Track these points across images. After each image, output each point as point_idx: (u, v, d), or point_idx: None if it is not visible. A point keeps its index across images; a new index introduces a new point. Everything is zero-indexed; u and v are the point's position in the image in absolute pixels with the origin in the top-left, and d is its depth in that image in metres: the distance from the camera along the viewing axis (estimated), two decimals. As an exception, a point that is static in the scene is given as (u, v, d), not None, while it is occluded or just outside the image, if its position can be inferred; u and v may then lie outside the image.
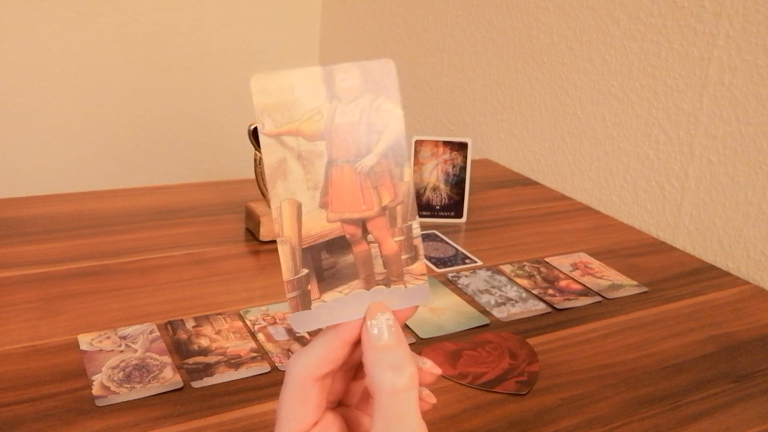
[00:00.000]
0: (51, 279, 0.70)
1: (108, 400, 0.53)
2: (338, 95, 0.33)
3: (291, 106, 0.33)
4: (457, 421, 0.53)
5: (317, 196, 0.33)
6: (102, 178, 1.58)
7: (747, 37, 0.83)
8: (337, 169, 0.33)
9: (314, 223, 0.33)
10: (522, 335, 0.66)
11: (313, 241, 0.33)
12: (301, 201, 0.33)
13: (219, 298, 0.69)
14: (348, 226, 0.34)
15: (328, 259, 0.34)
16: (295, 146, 0.33)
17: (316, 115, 0.33)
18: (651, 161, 0.96)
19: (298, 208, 0.33)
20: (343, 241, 0.34)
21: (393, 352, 0.32)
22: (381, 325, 0.33)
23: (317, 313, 0.33)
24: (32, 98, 1.48)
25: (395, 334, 0.33)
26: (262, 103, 0.32)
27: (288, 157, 0.33)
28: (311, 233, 0.33)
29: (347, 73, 0.33)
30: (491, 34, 1.23)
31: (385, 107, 0.33)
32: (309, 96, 0.33)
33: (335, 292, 0.34)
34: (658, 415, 0.56)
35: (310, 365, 0.33)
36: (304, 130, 0.33)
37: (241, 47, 1.67)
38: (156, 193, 0.94)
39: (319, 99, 0.33)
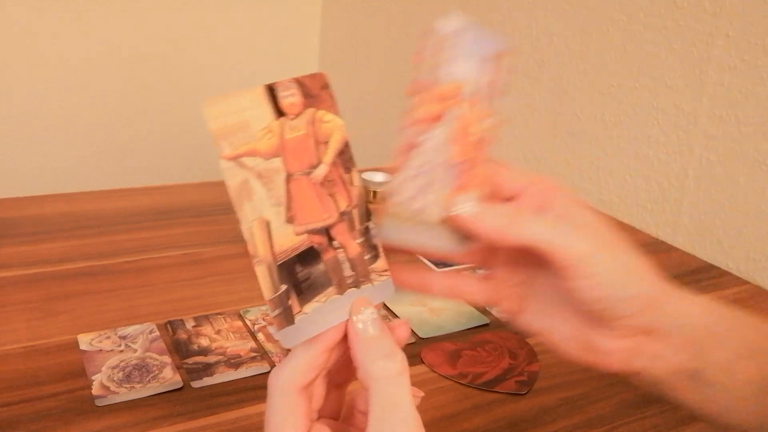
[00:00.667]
0: (51, 279, 0.70)
1: (108, 400, 0.52)
2: (284, 111, 0.34)
3: (244, 127, 0.34)
4: (457, 421, 0.53)
5: (282, 211, 0.34)
6: (101, 178, 1.58)
7: (747, 37, 0.83)
8: (295, 183, 0.34)
9: (284, 238, 0.34)
10: (522, 335, 0.66)
11: (286, 256, 0.34)
12: (269, 218, 0.34)
13: (219, 298, 0.69)
14: (314, 236, 0.35)
15: (303, 271, 0.35)
16: (254, 166, 0.34)
17: (268, 134, 0.34)
18: (651, 161, 0.96)
19: (267, 226, 0.34)
20: (313, 251, 0.35)
21: (381, 341, 0.33)
22: (367, 319, 0.34)
23: (301, 326, 0.34)
24: (32, 98, 1.48)
25: (380, 326, 0.34)
26: (217, 129, 0.33)
27: (249, 177, 0.34)
28: (283, 248, 0.34)
29: (288, 90, 0.34)
30: (491, 34, 1.23)
31: (327, 118, 0.35)
32: (259, 116, 0.34)
33: (314, 302, 0.35)
34: (658, 415, 0.56)
35: (295, 374, 0.33)
36: (260, 149, 0.34)
37: (241, 47, 1.67)
38: (155, 193, 0.94)
39: (267, 117, 0.34)
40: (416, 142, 0.35)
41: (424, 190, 0.36)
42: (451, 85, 0.35)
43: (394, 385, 0.32)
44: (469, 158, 0.36)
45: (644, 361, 0.37)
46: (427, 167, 0.36)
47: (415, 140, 0.35)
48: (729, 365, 0.36)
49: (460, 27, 0.36)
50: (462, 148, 0.36)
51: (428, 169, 0.36)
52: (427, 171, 0.36)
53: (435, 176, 0.36)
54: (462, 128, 0.36)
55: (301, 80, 0.34)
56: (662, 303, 0.36)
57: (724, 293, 0.78)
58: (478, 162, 0.36)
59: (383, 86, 1.52)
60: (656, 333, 0.36)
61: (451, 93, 0.35)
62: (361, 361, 0.33)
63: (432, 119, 0.35)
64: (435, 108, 0.35)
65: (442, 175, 0.36)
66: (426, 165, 0.36)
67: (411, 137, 0.35)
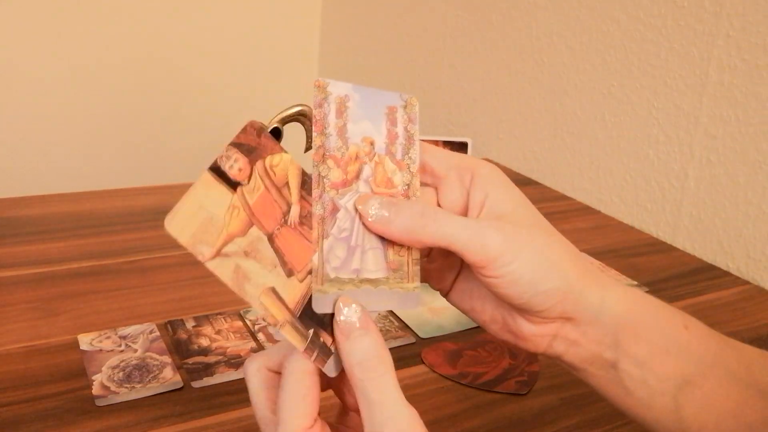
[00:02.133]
0: (51, 279, 0.70)
1: (108, 400, 0.53)
2: (237, 181, 0.35)
3: (210, 220, 0.34)
4: (457, 421, 0.53)
5: (280, 271, 0.35)
6: (102, 178, 1.58)
7: (747, 37, 0.83)
8: (279, 238, 0.35)
9: (292, 291, 0.35)
10: (522, 335, 0.66)
11: (302, 305, 0.35)
12: (272, 284, 0.35)
13: (219, 297, 0.69)
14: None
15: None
16: (237, 249, 0.35)
17: (234, 210, 0.35)
18: (651, 161, 0.96)
19: (273, 292, 0.35)
20: None
21: (365, 340, 0.33)
22: (350, 317, 0.34)
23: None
24: (32, 98, 1.48)
25: (364, 323, 0.34)
26: (189, 238, 0.34)
27: (237, 261, 0.34)
28: (296, 300, 0.35)
29: (229, 159, 0.35)
30: (491, 34, 1.23)
31: (275, 161, 0.36)
32: (217, 200, 0.34)
33: None
34: (658, 415, 0.56)
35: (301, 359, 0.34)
36: (234, 230, 0.35)
37: (241, 47, 1.67)
38: (156, 193, 0.94)
39: (226, 196, 0.35)
40: (337, 205, 0.36)
41: (355, 250, 0.36)
42: (361, 143, 0.36)
43: (378, 384, 0.32)
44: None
45: (563, 346, 0.37)
46: (355, 227, 0.36)
47: (335, 204, 0.36)
48: (646, 359, 0.36)
49: (350, 89, 0.37)
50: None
51: (356, 228, 0.36)
52: (355, 231, 0.36)
53: (365, 234, 0.36)
54: (382, 182, 0.37)
55: (236, 141, 0.35)
56: (582, 294, 0.36)
57: (724, 293, 0.78)
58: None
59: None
60: (574, 321, 0.36)
61: (363, 151, 0.36)
62: (346, 362, 0.33)
63: (349, 180, 0.36)
64: (350, 168, 0.36)
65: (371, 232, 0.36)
66: (353, 225, 0.36)
67: (330, 202, 0.36)
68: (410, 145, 0.38)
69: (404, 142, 0.37)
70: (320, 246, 0.36)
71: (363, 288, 0.36)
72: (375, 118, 0.37)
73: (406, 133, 0.38)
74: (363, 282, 0.36)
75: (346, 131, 0.36)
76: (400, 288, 0.36)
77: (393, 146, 0.37)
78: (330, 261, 0.35)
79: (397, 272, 0.36)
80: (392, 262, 0.36)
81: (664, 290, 0.78)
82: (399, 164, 0.37)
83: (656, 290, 0.77)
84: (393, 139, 0.37)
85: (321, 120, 0.36)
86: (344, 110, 0.36)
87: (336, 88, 0.36)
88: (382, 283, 0.36)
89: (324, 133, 0.36)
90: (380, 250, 0.36)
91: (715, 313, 0.73)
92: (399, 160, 0.37)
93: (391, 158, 0.37)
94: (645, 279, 0.80)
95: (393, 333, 0.64)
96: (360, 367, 0.33)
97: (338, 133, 0.36)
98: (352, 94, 0.37)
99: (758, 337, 0.69)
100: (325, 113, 0.36)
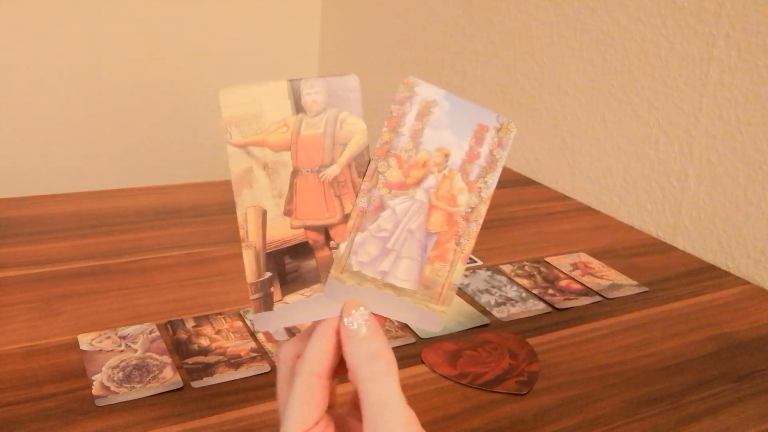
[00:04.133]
0: (51, 279, 0.70)
1: (108, 400, 0.53)
2: (304, 108, 0.35)
3: (258, 118, 0.34)
4: (457, 421, 0.53)
5: (281, 203, 0.35)
6: (102, 178, 1.58)
7: (747, 37, 0.83)
8: (302, 179, 0.35)
9: (278, 229, 0.35)
10: (522, 335, 0.66)
11: (277, 246, 0.35)
12: (266, 208, 0.35)
13: (219, 298, 0.69)
14: (311, 233, 0.35)
15: (291, 263, 0.35)
16: (261, 156, 0.34)
17: (282, 127, 0.35)
18: (651, 161, 0.96)
19: (263, 214, 0.35)
20: (307, 247, 0.35)
21: (369, 343, 0.34)
22: (358, 320, 0.34)
23: (279, 314, 0.35)
24: (32, 98, 1.48)
25: (371, 327, 0.34)
26: (230, 115, 0.34)
27: (254, 166, 0.34)
28: (275, 239, 0.35)
29: (312, 87, 0.35)
30: (491, 34, 1.23)
31: (349, 121, 0.35)
32: (275, 109, 0.34)
33: (297, 294, 0.35)
34: (658, 415, 0.56)
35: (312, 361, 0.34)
36: (270, 141, 0.34)
37: (241, 47, 1.67)
38: (156, 193, 0.94)
39: (285, 112, 0.34)
40: (385, 204, 0.35)
41: (389, 253, 0.35)
42: (435, 152, 0.35)
43: (381, 385, 0.33)
44: (446, 230, 0.36)
45: None
46: (398, 231, 0.35)
47: (383, 202, 0.35)
48: None
49: (441, 95, 0.35)
50: (440, 218, 0.36)
51: (398, 233, 0.35)
52: (396, 235, 0.35)
53: (405, 241, 0.35)
54: (444, 197, 0.36)
55: (329, 80, 0.35)
56: None
57: (724, 293, 0.78)
58: (456, 236, 0.36)
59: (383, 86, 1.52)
60: None
61: (434, 160, 0.35)
62: (350, 363, 0.33)
63: (408, 184, 0.35)
64: (413, 173, 0.35)
65: (414, 241, 0.35)
66: (396, 228, 0.35)
67: (378, 199, 0.35)
68: (491, 170, 0.36)
69: (484, 165, 0.36)
70: (352, 237, 0.35)
71: (383, 291, 0.35)
72: (460, 131, 0.36)
73: (490, 156, 0.36)
74: (385, 286, 0.35)
75: (421, 135, 0.35)
76: (425, 306, 0.36)
77: (470, 165, 0.36)
78: (358, 254, 0.35)
79: (429, 290, 0.36)
80: (426, 278, 0.36)
81: (664, 290, 0.78)
82: (470, 185, 0.36)
83: (656, 290, 0.77)
84: (473, 158, 0.36)
85: (396, 117, 0.35)
86: (427, 114, 0.35)
87: (425, 90, 0.35)
88: (407, 295, 0.36)
89: (395, 131, 0.35)
90: (417, 262, 0.36)
91: (715, 313, 0.73)
92: (471, 181, 0.36)
93: (463, 176, 0.36)
94: (645, 279, 0.80)
95: (393, 333, 0.64)
96: (363, 368, 0.33)
97: (412, 135, 0.35)
98: (442, 101, 0.35)
99: (758, 337, 0.69)
100: (404, 112, 0.35)
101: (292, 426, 0.34)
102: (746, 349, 0.67)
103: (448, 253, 0.36)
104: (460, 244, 0.36)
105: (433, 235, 0.36)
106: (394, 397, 0.32)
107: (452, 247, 0.36)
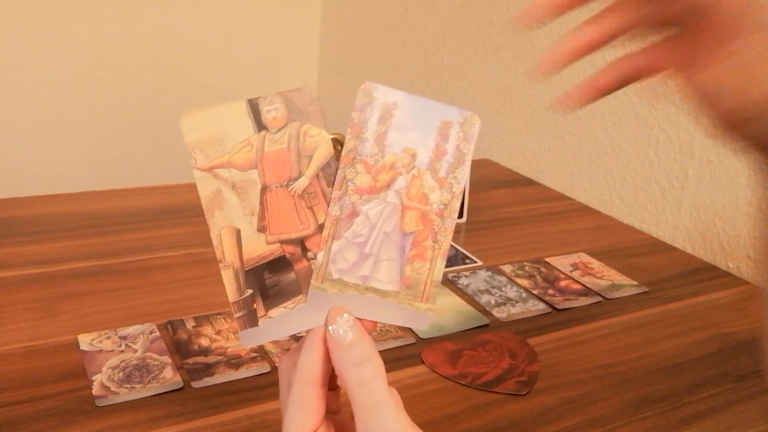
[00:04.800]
0: (51, 279, 0.70)
1: (108, 400, 0.53)
2: (265, 126, 0.35)
3: (221, 140, 0.35)
4: (457, 421, 0.53)
5: (254, 221, 0.35)
6: (102, 178, 1.58)
7: (747, 37, 0.83)
8: (272, 194, 0.35)
9: (254, 246, 0.35)
10: (522, 335, 0.66)
11: (255, 263, 0.35)
12: (240, 227, 0.35)
13: (219, 298, 0.69)
14: (287, 246, 0.36)
15: (271, 278, 0.36)
16: (228, 177, 0.35)
17: (246, 147, 0.35)
18: (651, 161, 0.96)
19: (237, 233, 0.35)
20: (284, 260, 0.36)
21: (356, 348, 0.34)
22: (342, 326, 0.34)
23: (265, 329, 0.35)
24: (32, 98, 1.48)
25: (357, 332, 0.34)
26: (194, 140, 0.34)
27: (222, 188, 0.35)
28: (252, 256, 0.35)
29: (272, 104, 0.35)
30: (491, 34, 1.23)
31: (312, 132, 0.36)
32: (237, 129, 0.35)
33: (280, 308, 0.36)
34: (658, 415, 0.56)
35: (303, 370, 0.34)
36: (236, 161, 0.35)
37: (241, 48, 1.67)
38: (156, 193, 0.94)
39: (247, 131, 0.35)
40: (358, 210, 0.35)
41: (368, 257, 0.36)
42: (402, 153, 0.36)
43: (369, 391, 0.33)
44: (421, 229, 0.36)
45: None
46: (374, 235, 0.36)
47: (355, 209, 0.35)
48: None
49: (401, 97, 0.35)
50: (414, 218, 0.36)
51: (374, 236, 0.36)
52: (372, 239, 0.36)
53: (383, 244, 0.36)
54: (416, 196, 0.36)
55: (287, 95, 0.35)
56: None
57: (724, 293, 0.78)
58: (432, 233, 0.36)
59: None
60: None
61: (401, 162, 0.36)
62: (338, 369, 0.34)
63: (378, 188, 0.35)
64: (382, 176, 0.35)
65: (391, 243, 0.36)
66: (371, 233, 0.36)
67: (350, 206, 0.35)
68: (459, 164, 0.36)
69: (452, 160, 0.36)
70: (328, 246, 0.35)
71: (366, 296, 0.36)
72: (424, 130, 0.36)
73: (457, 151, 0.36)
74: (368, 290, 0.36)
75: (386, 138, 0.35)
76: (410, 305, 0.36)
77: (438, 162, 0.36)
78: (336, 262, 0.35)
79: (411, 289, 0.36)
80: (408, 278, 0.36)
81: (664, 290, 0.78)
82: (440, 181, 0.36)
83: (656, 290, 0.77)
84: (440, 155, 0.36)
85: (359, 124, 0.35)
86: (389, 117, 0.35)
87: (384, 95, 0.35)
88: (391, 296, 0.36)
89: (359, 137, 0.35)
90: (397, 263, 0.36)
91: (715, 313, 0.73)
92: (441, 178, 0.36)
93: (432, 174, 0.36)
94: (645, 279, 0.80)
95: (393, 333, 0.64)
96: (350, 374, 0.33)
97: (376, 140, 0.35)
98: (403, 102, 0.35)
99: (758, 338, 0.69)
100: (365, 117, 0.35)
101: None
102: (746, 349, 0.67)
103: (426, 251, 0.36)
104: (438, 241, 0.36)
105: (410, 235, 0.36)
106: (384, 401, 0.33)
107: (430, 245, 0.36)
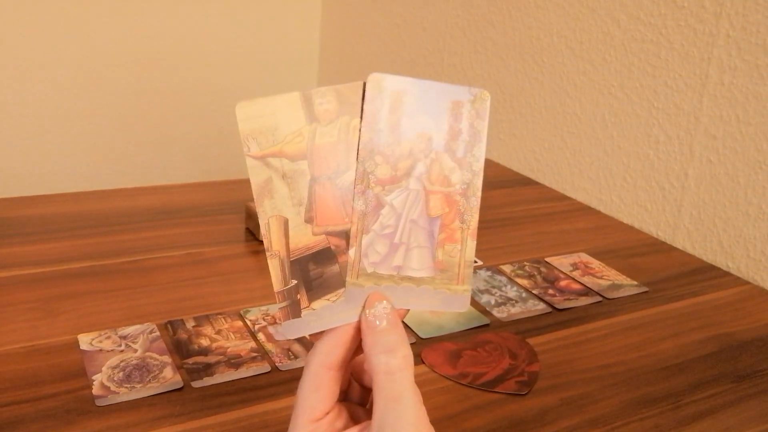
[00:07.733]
0: (51, 279, 0.70)
1: (108, 400, 0.53)
2: (317, 118, 0.35)
3: (274, 129, 0.35)
4: (457, 421, 0.53)
5: (302, 211, 0.36)
6: (102, 178, 1.58)
7: (747, 37, 0.83)
8: (320, 186, 0.36)
9: (300, 236, 0.36)
10: (522, 335, 0.66)
11: (301, 254, 0.36)
12: (288, 217, 0.35)
13: (219, 298, 0.69)
14: (333, 238, 0.36)
15: (315, 269, 0.36)
16: (279, 167, 0.35)
17: (298, 137, 0.35)
18: (651, 161, 0.96)
19: (285, 223, 0.35)
20: (329, 252, 0.36)
21: (388, 335, 0.34)
22: (379, 312, 0.35)
23: (307, 320, 0.36)
24: (32, 98, 1.48)
25: (392, 320, 0.35)
26: (247, 129, 0.35)
27: (273, 176, 0.35)
28: (298, 246, 0.36)
29: (324, 97, 0.35)
30: (491, 34, 1.23)
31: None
32: (290, 120, 0.35)
33: (323, 300, 0.36)
34: (658, 415, 0.56)
35: (322, 353, 0.35)
36: (287, 151, 0.35)
37: (241, 47, 1.67)
38: (156, 193, 0.94)
39: (299, 122, 0.35)
40: (382, 201, 0.36)
41: (398, 247, 0.36)
42: (417, 138, 0.36)
43: (394, 380, 0.33)
44: (447, 211, 0.36)
45: None
46: (401, 224, 0.36)
47: (380, 200, 0.36)
48: None
49: (408, 84, 0.36)
50: (439, 201, 0.36)
51: (402, 225, 0.36)
52: (400, 228, 0.36)
53: (411, 232, 0.36)
54: (437, 179, 0.36)
55: (340, 89, 0.35)
56: None
57: (724, 293, 0.78)
58: (459, 214, 0.36)
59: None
60: None
61: (418, 147, 0.36)
62: (367, 354, 0.34)
63: (398, 177, 0.36)
64: (401, 164, 0.36)
65: (419, 230, 0.36)
66: (398, 222, 0.36)
67: (374, 198, 0.35)
68: (476, 142, 0.36)
69: (468, 139, 0.36)
70: (358, 241, 0.35)
71: (403, 285, 0.36)
72: (435, 113, 0.36)
73: (471, 129, 0.36)
74: (404, 279, 0.36)
75: (399, 127, 0.36)
76: (447, 289, 0.36)
77: (454, 143, 0.36)
78: (368, 256, 0.35)
79: (446, 272, 0.36)
80: (440, 263, 0.36)
81: (664, 290, 0.78)
82: (459, 162, 0.36)
83: (656, 290, 0.77)
84: (455, 135, 0.36)
85: (371, 115, 0.35)
86: (399, 105, 0.36)
87: (392, 83, 0.36)
88: (426, 283, 0.36)
89: (374, 129, 0.35)
90: (428, 249, 0.36)
91: (715, 313, 0.73)
92: (460, 158, 0.36)
93: (450, 155, 0.36)
94: (645, 279, 0.80)
95: (393, 333, 0.64)
96: (378, 360, 0.33)
97: (390, 129, 0.36)
98: (410, 88, 0.36)
99: (758, 338, 0.69)
100: (376, 108, 0.35)
101: (299, 416, 0.35)
102: (746, 349, 0.67)
103: (455, 233, 0.36)
104: (465, 221, 0.37)
105: (437, 219, 0.36)
106: (407, 392, 0.33)
107: (458, 226, 0.36)
